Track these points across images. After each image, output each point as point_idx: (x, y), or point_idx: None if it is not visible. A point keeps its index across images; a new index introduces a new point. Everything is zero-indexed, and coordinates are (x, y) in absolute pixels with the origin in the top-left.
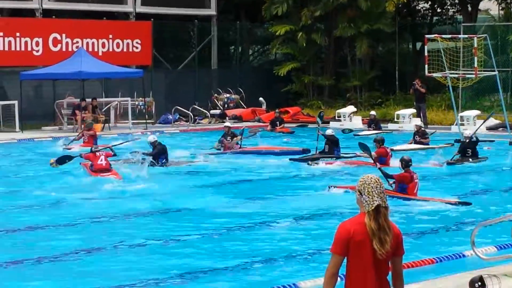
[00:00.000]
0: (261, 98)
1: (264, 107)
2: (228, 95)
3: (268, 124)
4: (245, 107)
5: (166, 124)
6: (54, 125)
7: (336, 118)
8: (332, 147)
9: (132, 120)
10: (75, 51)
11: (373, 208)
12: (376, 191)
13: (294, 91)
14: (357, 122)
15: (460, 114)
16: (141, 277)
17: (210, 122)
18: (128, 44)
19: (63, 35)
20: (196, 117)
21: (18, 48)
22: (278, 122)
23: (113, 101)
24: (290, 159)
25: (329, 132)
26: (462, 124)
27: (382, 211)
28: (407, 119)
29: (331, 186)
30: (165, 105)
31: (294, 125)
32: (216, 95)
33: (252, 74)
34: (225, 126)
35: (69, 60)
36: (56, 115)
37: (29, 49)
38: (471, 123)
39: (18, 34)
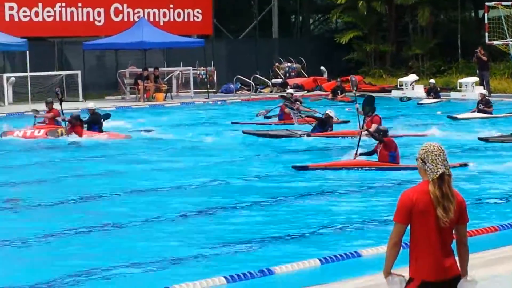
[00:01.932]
0: (322, 67)
1: (325, 76)
2: (289, 64)
3: (330, 93)
4: (307, 76)
5: (227, 93)
6: (116, 95)
7: (398, 86)
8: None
9: (194, 89)
10: (136, 21)
11: (437, 176)
12: (440, 159)
13: (356, 60)
14: (419, 91)
15: None
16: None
17: (271, 91)
18: (189, 13)
19: (125, 5)
20: (258, 86)
21: (80, 19)
22: (339, 91)
23: (175, 70)
24: None
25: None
26: None
27: (446, 179)
28: (469, 88)
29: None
30: (226, 75)
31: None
32: (277, 64)
33: (313, 43)
34: (287, 92)
35: (131, 30)
36: (118, 84)
37: (91, 19)
38: None
39: (80, 4)
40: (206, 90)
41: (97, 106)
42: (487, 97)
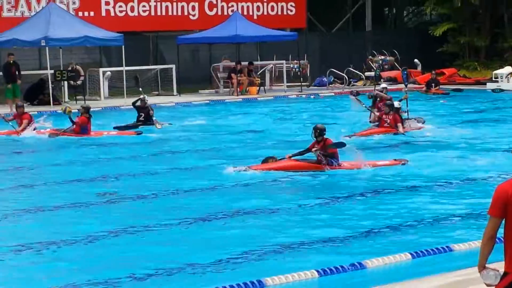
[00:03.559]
0: (416, 60)
1: (419, 68)
2: (382, 57)
3: (424, 85)
4: (400, 68)
5: (321, 86)
6: (210, 89)
7: (493, 79)
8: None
9: (287, 83)
10: (230, 15)
11: None
12: None
13: (450, 52)
14: None
15: None
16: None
17: (365, 85)
18: (282, 7)
19: None
20: (351, 80)
21: (174, 13)
22: (433, 84)
23: (268, 64)
24: None
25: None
26: None
27: None
28: None
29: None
30: (319, 68)
31: (449, 87)
32: (370, 57)
33: (407, 35)
34: (382, 87)
35: (225, 24)
36: (212, 78)
37: (186, 13)
38: None
39: None
40: (299, 84)
41: (192, 100)
42: None
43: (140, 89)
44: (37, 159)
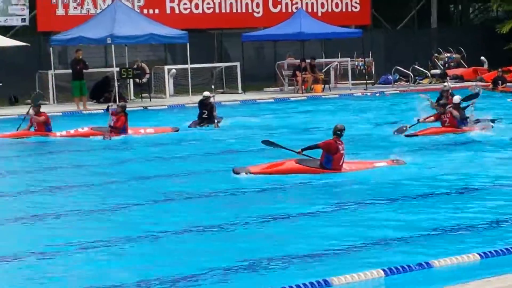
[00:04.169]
0: (482, 57)
1: (486, 66)
2: (448, 54)
3: (490, 83)
4: (466, 66)
5: (386, 84)
6: (275, 86)
7: None
8: None
9: (351, 80)
10: (294, 12)
11: None
12: None
13: None
14: None
15: None
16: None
17: (430, 82)
18: (347, 3)
19: None
20: (416, 77)
21: (239, 10)
22: (500, 82)
23: (333, 61)
24: None
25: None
26: None
27: None
28: None
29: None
30: (384, 66)
31: None
32: (436, 54)
33: (473, 32)
34: (444, 85)
35: (289, 21)
36: (277, 76)
37: (250, 10)
38: None
39: None
40: (364, 81)
41: (256, 98)
42: None
43: (213, 86)
44: (96, 158)
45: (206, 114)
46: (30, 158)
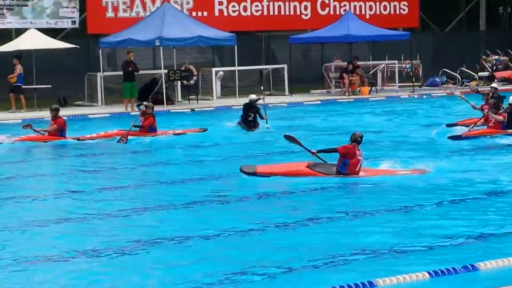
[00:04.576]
0: None
1: None
2: (496, 56)
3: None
4: None
5: (433, 86)
6: (322, 89)
7: None
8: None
9: (398, 83)
10: (342, 14)
11: None
12: None
13: None
14: None
15: None
16: None
17: (478, 85)
18: (395, 6)
19: None
20: (464, 80)
21: (287, 12)
22: None
23: (380, 64)
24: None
25: None
26: None
27: None
28: None
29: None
30: (432, 68)
31: None
32: (484, 57)
33: None
34: (491, 87)
35: (337, 24)
36: (324, 78)
37: (298, 13)
38: None
39: None
40: (411, 84)
41: (303, 100)
42: None
43: (262, 87)
44: (131, 159)
45: (252, 117)
46: (62, 160)
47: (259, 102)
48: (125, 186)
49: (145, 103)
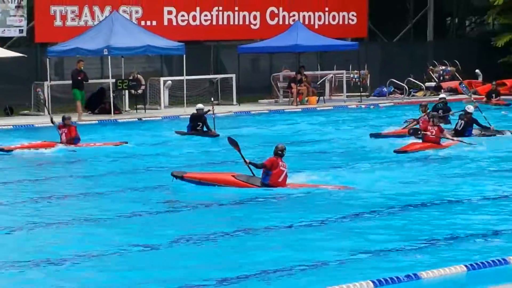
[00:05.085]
0: (477, 70)
1: (480, 79)
2: (443, 67)
3: (484, 96)
4: (461, 79)
5: (380, 96)
6: (270, 98)
7: None
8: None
9: (346, 93)
10: (291, 24)
11: None
12: None
13: None
14: None
15: None
16: None
17: (425, 95)
18: (344, 16)
19: (280, 9)
20: (411, 90)
21: (236, 22)
22: (494, 95)
23: (328, 74)
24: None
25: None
26: None
27: None
28: None
29: None
30: (379, 78)
31: (511, 97)
32: (431, 67)
33: (468, 45)
34: (440, 97)
35: (286, 33)
36: (272, 88)
37: (247, 23)
38: None
39: (236, 8)
40: (359, 94)
41: (251, 109)
42: None
43: (212, 98)
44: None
45: (200, 126)
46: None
47: (209, 112)
48: (47, 197)
49: (64, 115)
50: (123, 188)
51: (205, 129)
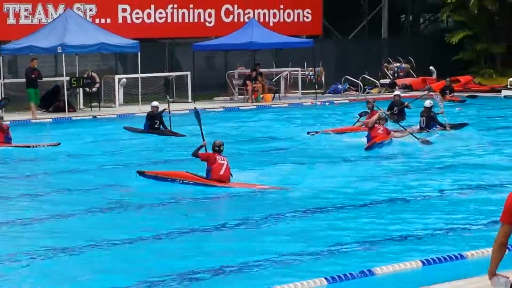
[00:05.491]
0: (431, 67)
1: (434, 76)
2: (398, 64)
3: (438, 92)
4: (415, 76)
5: (335, 93)
6: (225, 96)
7: (508, 86)
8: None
9: (301, 90)
10: (246, 22)
11: None
12: None
13: (465, 60)
14: None
15: None
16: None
17: (379, 92)
18: (298, 14)
19: (235, 6)
20: (366, 87)
21: (191, 20)
22: (448, 91)
23: (284, 71)
24: None
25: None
26: None
27: None
28: None
29: None
30: (334, 75)
31: (465, 94)
32: (386, 64)
33: (423, 42)
34: (395, 95)
35: (241, 31)
36: (227, 85)
37: (202, 20)
38: None
39: (191, 6)
40: (314, 91)
41: (206, 107)
42: None
43: (168, 96)
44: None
45: (158, 124)
46: None
47: (164, 111)
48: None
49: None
50: (60, 188)
51: (162, 127)
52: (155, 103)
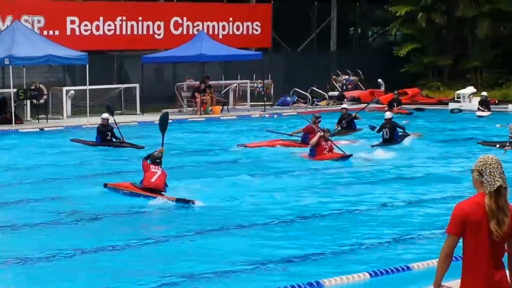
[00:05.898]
0: (379, 80)
1: (382, 88)
2: (346, 76)
3: (386, 105)
4: (364, 88)
5: (284, 106)
6: (174, 108)
7: (456, 99)
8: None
9: (250, 102)
10: (195, 34)
11: (494, 188)
12: (497, 172)
13: (413, 72)
14: (477, 103)
15: None
16: None
17: (328, 104)
18: (248, 26)
19: (184, 19)
20: (314, 99)
21: (140, 32)
22: (395, 104)
23: (233, 83)
24: None
25: (387, 115)
26: None
27: (503, 192)
28: None
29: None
30: (283, 87)
31: (412, 106)
32: (334, 76)
33: (371, 55)
34: (342, 108)
35: (190, 43)
36: (176, 97)
37: (151, 32)
38: None
39: (140, 18)
40: (263, 103)
41: (155, 119)
42: None
43: (107, 107)
44: None
45: (110, 135)
46: None
47: (113, 124)
48: None
49: None
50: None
51: (114, 140)
52: (105, 115)
